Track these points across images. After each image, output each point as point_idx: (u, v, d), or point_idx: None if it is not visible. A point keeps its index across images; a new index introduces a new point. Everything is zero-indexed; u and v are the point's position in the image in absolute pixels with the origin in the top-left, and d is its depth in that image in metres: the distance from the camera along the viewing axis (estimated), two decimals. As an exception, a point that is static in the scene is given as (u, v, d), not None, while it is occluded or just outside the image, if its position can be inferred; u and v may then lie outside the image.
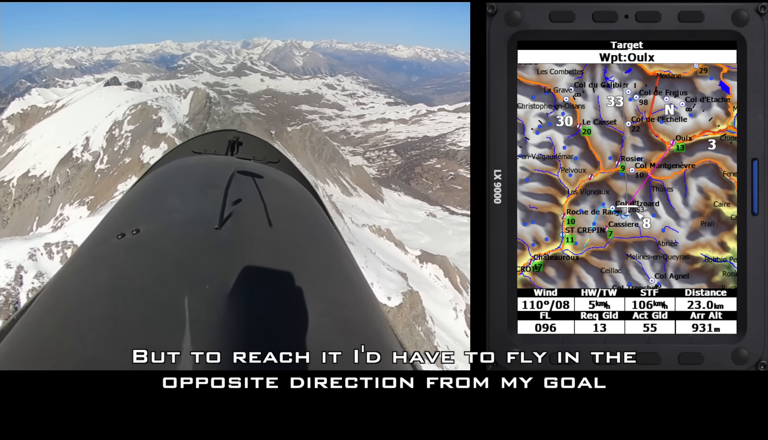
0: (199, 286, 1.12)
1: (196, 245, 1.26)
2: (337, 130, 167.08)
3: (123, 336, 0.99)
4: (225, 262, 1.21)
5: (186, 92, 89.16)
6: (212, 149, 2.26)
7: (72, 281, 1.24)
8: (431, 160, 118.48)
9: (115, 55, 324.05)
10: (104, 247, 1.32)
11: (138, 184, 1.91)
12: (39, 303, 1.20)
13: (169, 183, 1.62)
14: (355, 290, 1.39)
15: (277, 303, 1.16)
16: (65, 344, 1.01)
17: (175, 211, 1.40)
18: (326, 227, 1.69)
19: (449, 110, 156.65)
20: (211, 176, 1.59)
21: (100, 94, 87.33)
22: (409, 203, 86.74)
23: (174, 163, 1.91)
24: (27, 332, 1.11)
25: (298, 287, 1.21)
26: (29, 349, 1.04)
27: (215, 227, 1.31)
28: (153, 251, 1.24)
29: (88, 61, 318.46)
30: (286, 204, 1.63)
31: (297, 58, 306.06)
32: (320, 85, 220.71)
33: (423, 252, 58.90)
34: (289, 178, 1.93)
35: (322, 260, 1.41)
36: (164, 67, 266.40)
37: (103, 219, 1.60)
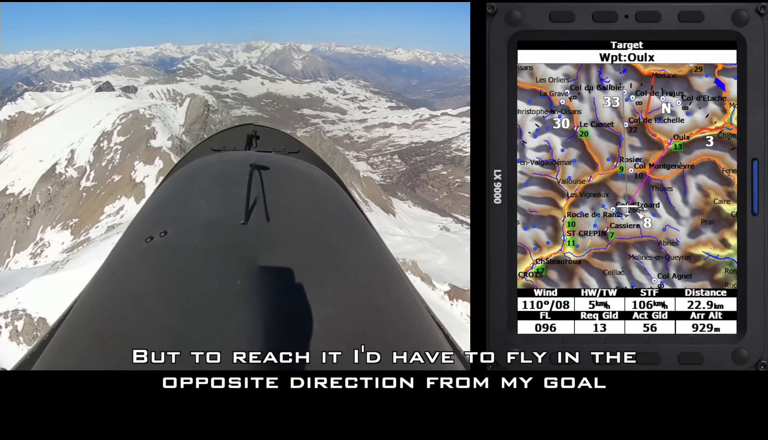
0: (230, 283, 1.13)
1: (224, 242, 1.27)
2: (340, 134, 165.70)
3: (158, 339, 1.00)
4: (255, 257, 1.21)
5: (182, 99, 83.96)
6: (231, 145, 2.26)
7: (106, 289, 1.25)
8: (437, 166, 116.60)
9: (114, 57, 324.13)
10: (134, 252, 1.34)
11: (160, 187, 1.92)
12: (76, 313, 1.22)
13: (192, 183, 1.62)
14: (389, 276, 1.38)
15: (309, 296, 1.15)
16: (105, 352, 1.02)
17: (200, 210, 1.40)
18: (354, 215, 1.68)
19: (452, 115, 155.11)
20: (232, 172, 1.59)
21: (89, 100, 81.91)
22: (419, 215, 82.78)
23: (194, 163, 1.91)
24: (67, 342, 1.12)
25: (330, 277, 1.21)
26: (73, 359, 1.06)
27: (242, 223, 1.32)
28: (182, 252, 1.25)
29: (86, 63, 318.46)
30: (310, 194, 1.63)
31: (296, 62, 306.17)
32: (321, 88, 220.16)
33: (452, 287, 55.18)
34: (312, 167, 1.93)
35: (353, 249, 1.40)
36: (163, 71, 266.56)
37: (130, 224, 1.61)
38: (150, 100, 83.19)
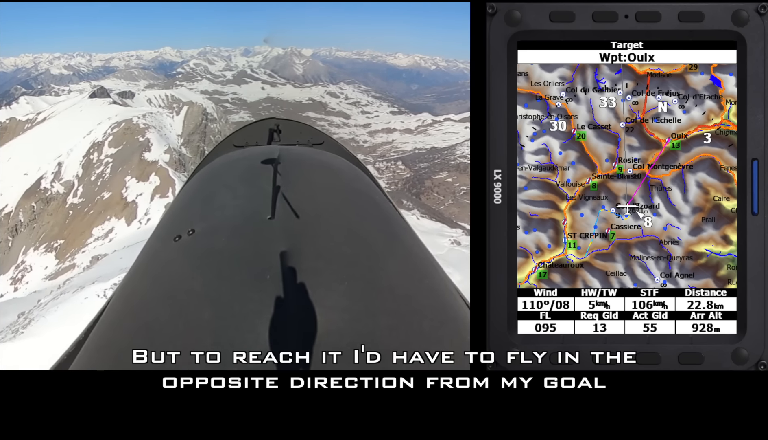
0: (260, 277, 1.13)
1: (252, 238, 1.27)
2: (346, 137, 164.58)
3: (192, 337, 1.00)
4: (284, 251, 1.21)
5: (180, 107, 78.43)
6: (253, 140, 2.26)
7: (138, 289, 1.26)
8: (441, 173, 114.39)
9: (114, 61, 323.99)
10: (164, 251, 1.34)
11: (185, 186, 1.93)
12: (110, 313, 1.24)
13: (217, 180, 1.62)
14: (421, 265, 1.37)
15: (340, 291, 1.16)
16: (139, 352, 1.03)
17: (226, 207, 1.41)
18: (382, 205, 1.67)
19: (455, 120, 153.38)
20: (255, 167, 1.60)
21: (80, 108, 74.62)
22: (429, 228, 79.69)
23: (218, 160, 1.91)
24: (104, 341, 1.13)
25: (361, 269, 1.21)
26: (109, 359, 1.06)
27: (268, 217, 1.32)
28: (210, 249, 1.25)
29: (86, 67, 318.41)
30: (336, 185, 1.63)
31: (297, 66, 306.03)
32: (323, 93, 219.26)
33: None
34: (337, 158, 1.93)
35: (383, 240, 1.40)
36: (162, 75, 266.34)
37: (158, 223, 1.61)
38: (146, 107, 77.56)
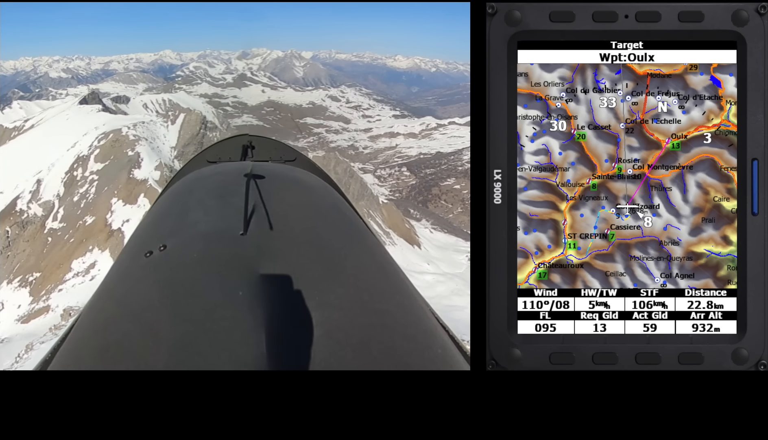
0: (232, 295, 1.12)
1: (224, 253, 1.26)
2: (344, 144, 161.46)
3: (162, 355, 1.00)
4: (255, 267, 1.21)
5: (176, 115, 74.00)
6: (226, 156, 2.26)
7: (107, 306, 1.24)
8: (449, 180, 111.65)
9: (114, 64, 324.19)
10: (134, 267, 1.33)
11: (157, 202, 1.92)
12: (79, 329, 1.22)
13: (189, 196, 1.62)
14: (390, 280, 1.37)
15: (311, 304, 1.15)
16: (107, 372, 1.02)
17: (198, 223, 1.40)
18: (353, 220, 1.67)
19: (460, 124, 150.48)
20: (229, 183, 1.59)
21: (67, 116, 65.90)
22: (443, 242, 73.80)
23: (190, 176, 1.91)
24: (71, 360, 1.12)
25: (332, 283, 1.21)
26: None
27: (240, 234, 1.31)
28: (182, 265, 1.24)
29: (85, 70, 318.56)
30: (308, 201, 1.62)
31: (297, 69, 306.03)
32: (324, 96, 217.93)
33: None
34: (309, 174, 1.93)
35: (353, 255, 1.40)
36: (162, 78, 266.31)
37: (129, 238, 1.61)
38: (140, 114, 72.10)
